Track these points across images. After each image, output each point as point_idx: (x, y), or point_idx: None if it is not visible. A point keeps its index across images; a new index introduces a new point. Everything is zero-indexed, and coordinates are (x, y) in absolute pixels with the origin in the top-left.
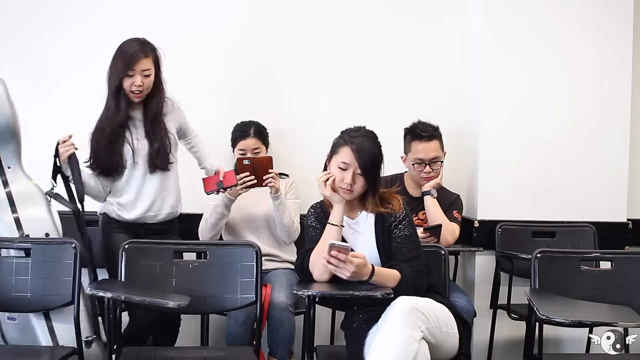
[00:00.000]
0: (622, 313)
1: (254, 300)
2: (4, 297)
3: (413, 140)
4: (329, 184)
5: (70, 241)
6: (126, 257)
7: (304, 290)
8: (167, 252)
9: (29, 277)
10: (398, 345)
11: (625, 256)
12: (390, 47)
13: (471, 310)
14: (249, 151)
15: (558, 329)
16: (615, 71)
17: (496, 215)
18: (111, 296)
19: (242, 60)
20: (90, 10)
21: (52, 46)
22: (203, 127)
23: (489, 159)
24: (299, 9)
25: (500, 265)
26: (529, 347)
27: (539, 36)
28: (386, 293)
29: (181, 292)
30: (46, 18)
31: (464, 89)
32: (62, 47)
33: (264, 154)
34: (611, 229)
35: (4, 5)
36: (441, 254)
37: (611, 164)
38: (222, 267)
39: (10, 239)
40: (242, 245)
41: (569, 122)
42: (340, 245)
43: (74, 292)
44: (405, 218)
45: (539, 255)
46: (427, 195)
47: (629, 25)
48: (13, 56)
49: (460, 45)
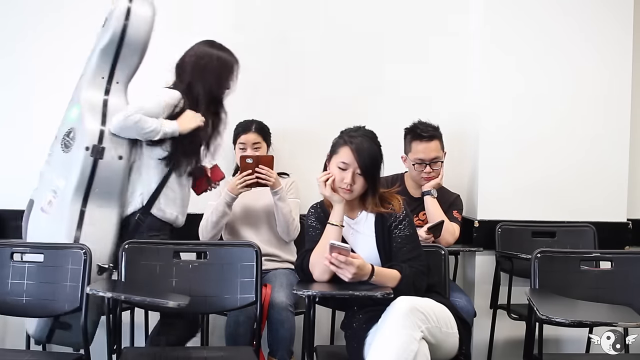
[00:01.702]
0: (622, 313)
1: (254, 300)
2: (11, 300)
3: (413, 141)
4: (329, 184)
5: (80, 246)
6: (126, 257)
7: (304, 290)
8: (167, 252)
9: (38, 281)
10: (398, 345)
11: (625, 256)
12: (390, 47)
13: (471, 310)
14: (249, 146)
15: (558, 329)
16: (615, 71)
17: (496, 215)
18: (111, 296)
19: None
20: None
21: (52, 42)
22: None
23: (489, 159)
24: (301, 9)
25: (500, 265)
26: (529, 347)
27: (539, 36)
28: (386, 293)
29: (181, 292)
30: (47, 16)
31: (464, 88)
32: (63, 43)
33: (264, 151)
34: (611, 229)
35: (5, 2)
36: (441, 254)
37: (611, 164)
38: (222, 267)
39: (23, 244)
40: (242, 245)
41: (569, 122)
42: (341, 246)
43: (82, 298)
44: (406, 218)
45: (539, 255)
46: (427, 195)
47: (628, 26)
48: (16, 50)
49: (460, 45)
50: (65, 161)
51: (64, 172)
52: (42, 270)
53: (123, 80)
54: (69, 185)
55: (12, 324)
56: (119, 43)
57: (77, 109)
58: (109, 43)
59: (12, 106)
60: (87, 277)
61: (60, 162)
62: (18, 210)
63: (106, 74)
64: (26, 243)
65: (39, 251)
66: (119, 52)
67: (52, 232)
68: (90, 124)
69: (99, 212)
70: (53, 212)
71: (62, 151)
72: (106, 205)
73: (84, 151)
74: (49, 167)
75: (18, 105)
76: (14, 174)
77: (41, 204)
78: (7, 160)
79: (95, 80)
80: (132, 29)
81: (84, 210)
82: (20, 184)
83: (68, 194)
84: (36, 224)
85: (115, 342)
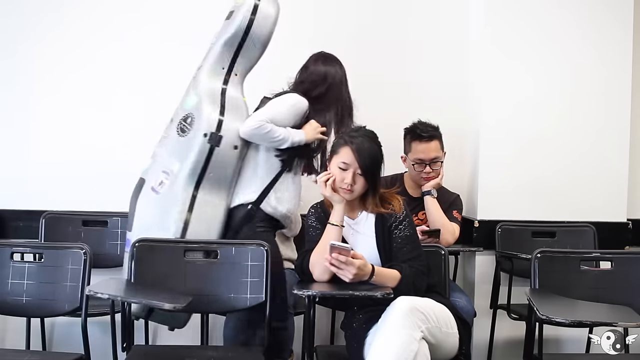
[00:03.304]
0: (622, 313)
1: (264, 300)
2: (11, 300)
3: (413, 141)
4: (329, 184)
5: (80, 246)
6: (136, 256)
7: (304, 290)
8: (177, 251)
9: (38, 281)
10: (398, 345)
11: (625, 256)
12: (391, 47)
13: (471, 310)
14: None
15: (558, 329)
16: (615, 71)
17: (496, 215)
18: (108, 297)
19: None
20: (89, 9)
21: (54, 44)
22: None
23: (489, 159)
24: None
25: (500, 265)
26: (529, 347)
27: (539, 36)
28: (386, 293)
29: (191, 291)
30: (46, 17)
31: (464, 88)
32: (64, 44)
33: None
34: (611, 229)
35: (6, 2)
36: (441, 254)
37: (611, 163)
38: (232, 267)
39: (24, 244)
40: (252, 245)
41: (569, 122)
42: (341, 246)
43: (82, 298)
44: (406, 218)
45: (539, 255)
46: (427, 195)
47: (628, 25)
48: (18, 52)
49: (460, 45)
50: (182, 145)
51: (179, 155)
52: (42, 270)
53: (241, 73)
54: (183, 168)
55: (12, 324)
56: (243, 36)
57: (195, 96)
58: (234, 35)
59: (11, 106)
60: (87, 277)
61: (176, 146)
62: (18, 210)
63: (226, 65)
64: (26, 243)
65: (39, 251)
66: (241, 45)
67: (162, 212)
68: (209, 112)
69: (210, 197)
70: (164, 193)
71: (178, 135)
72: (216, 193)
73: (202, 137)
74: (161, 149)
75: (17, 105)
76: (13, 174)
77: (151, 184)
78: (7, 160)
79: (215, 70)
80: (257, 25)
81: (195, 195)
82: (20, 184)
83: (182, 177)
84: (145, 203)
85: (125, 340)
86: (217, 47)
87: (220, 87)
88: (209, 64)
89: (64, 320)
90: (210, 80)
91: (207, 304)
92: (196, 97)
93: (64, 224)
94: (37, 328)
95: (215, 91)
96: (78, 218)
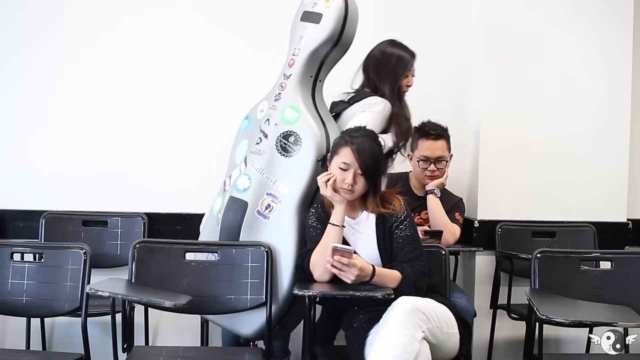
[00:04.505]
0: (622, 313)
1: (264, 301)
2: (11, 300)
3: (420, 138)
4: (330, 184)
5: (80, 246)
6: (137, 257)
7: (304, 290)
8: (178, 252)
9: (38, 281)
10: (399, 345)
11: (625, 256)
12: None
13: (471, 310)
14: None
15: (558, 329)
16: (616, 71)
17: (496, 215)
18: (109, 295)
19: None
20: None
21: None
22: (204, 126)
23: (489, 159)
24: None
25: (500, 265)
26: (529, 347)
27: (539, 36)
28: (387, 293)
29: (191, 292)
30: (52, 19)
31: (464, 88)
32: (65, 45)
33: None
34: (611, 229)
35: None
36: (442, 254)
37: (611, 163)
38: (232, 268)
39: (24, 244)
40: (252, 246)
41: (569, 122)
42: (343, 248)
43: (82, 298)
44: (407, 218)
45: (539, 255)
46: (431, 194)
47: (629, 25)
48: (22, 53)
49: (461, 45)
50: (289, 167)
51: (287, 178)
52: (42, 270)
53: (324, 78)
54: (294, 192)
55: (12, 324)
56: (336, 41)
57: (293, 110)
58: (325, 42)
59: (14, 107)
60: (87, 277)
61: (281, 167)
62: (18, 210)
63: (314, 72)
64: (26, 243)
65: (39, 251)
66: (330, 51)
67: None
68: (315, 130)
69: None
70: (275, 219)
71: (281, 154)
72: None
73: (314, 162)
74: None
75: (21, 106)
76: (14, 174)
77: (257, 207)
78: (7, 160)
79: (304, 80)
80: (349, 26)
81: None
82: (21, 184)
83: (294, 201)
84: (254, 228)
85: (125, 340)
86: (304, 54)
87: (312, 97)
88: (297, 73)
89: (64, 320)
90: (302, 90)
91: (207, 305)
92: (294, 112)
93: (64, 224)
94: (37, 328)
95: (309, 104)
96: (78, 218)
